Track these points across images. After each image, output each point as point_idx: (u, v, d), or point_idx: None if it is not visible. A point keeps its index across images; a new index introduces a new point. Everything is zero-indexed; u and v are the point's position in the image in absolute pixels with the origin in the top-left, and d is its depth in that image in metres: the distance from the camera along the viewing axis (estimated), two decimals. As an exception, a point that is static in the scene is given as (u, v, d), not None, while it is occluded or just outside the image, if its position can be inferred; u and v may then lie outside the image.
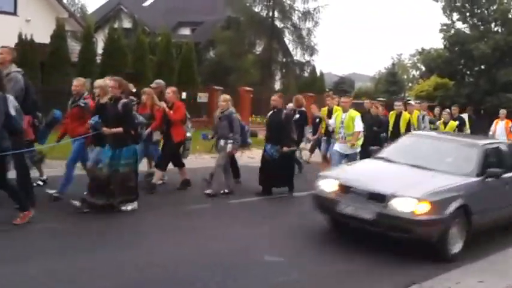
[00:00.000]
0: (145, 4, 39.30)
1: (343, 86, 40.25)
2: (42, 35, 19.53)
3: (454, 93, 31.30)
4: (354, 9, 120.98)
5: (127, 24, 33.30)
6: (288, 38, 30.17)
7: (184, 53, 22.81)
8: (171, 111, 9.18)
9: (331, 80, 43.05)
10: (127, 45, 20.98)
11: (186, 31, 34.71)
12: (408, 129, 12.06)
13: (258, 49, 30.42)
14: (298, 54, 30.15)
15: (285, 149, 9.53)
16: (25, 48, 17.94)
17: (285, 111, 10.14)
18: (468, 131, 15.14)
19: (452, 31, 33.82)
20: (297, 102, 12.53)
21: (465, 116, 15.98)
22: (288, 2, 29.03)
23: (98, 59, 20.68)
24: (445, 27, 34.25)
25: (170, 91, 9.43)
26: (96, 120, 7.77)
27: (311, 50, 29.45)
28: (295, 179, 10.24)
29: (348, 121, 10.13)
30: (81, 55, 19.96)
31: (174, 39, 23.85)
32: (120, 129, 7.55)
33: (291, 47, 30.47)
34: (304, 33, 29.40)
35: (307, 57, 29.92)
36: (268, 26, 28.87)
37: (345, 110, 10.37)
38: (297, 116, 11.86)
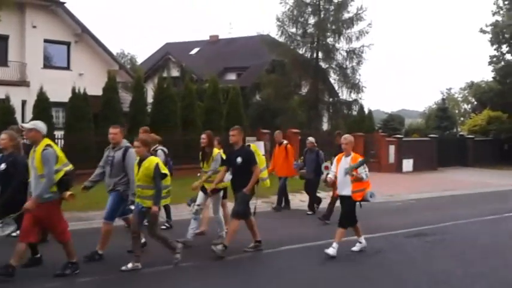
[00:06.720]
0: (192, 52, 40.40)
1: (393, 123, 39.65)
2: (95, 87, 20.26)
3: (508, 127, 30.44)
4: (399, 45, 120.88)
5: (175, 72, 34.22)
6: (333, 78, 30.04)
7: (231, 97, 23.10)
8: None
9: (380, 117, 42.53)
10: (176, 93, 21.45)
11: (232, 76, 35.32)
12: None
13: (304, 90, 30.41)
14: (344, 93, 29.79)
15: None
16: (78, 101, 18.67)
17: None
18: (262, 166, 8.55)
19: (502, 63, 33.08)
20: None
21: (259, 144, 10.47)
22: (332, 42, 29.03)
23: (149, 108, 21.21)
24: (494, 59, 33.57)
25: None
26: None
27: (357, 88, 29.07)
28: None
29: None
30: (132, 105, 20.54)
31: (220, 85, 24.24)
32: None
33: (336, 86, 30.27)
34: (349, 72, 29.13)
35: (353, 96, 29.54)
36: (313, 67, 28.91)
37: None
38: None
